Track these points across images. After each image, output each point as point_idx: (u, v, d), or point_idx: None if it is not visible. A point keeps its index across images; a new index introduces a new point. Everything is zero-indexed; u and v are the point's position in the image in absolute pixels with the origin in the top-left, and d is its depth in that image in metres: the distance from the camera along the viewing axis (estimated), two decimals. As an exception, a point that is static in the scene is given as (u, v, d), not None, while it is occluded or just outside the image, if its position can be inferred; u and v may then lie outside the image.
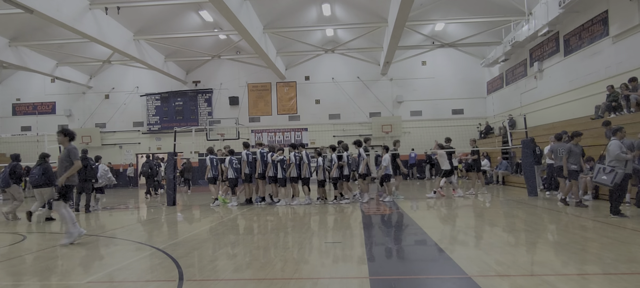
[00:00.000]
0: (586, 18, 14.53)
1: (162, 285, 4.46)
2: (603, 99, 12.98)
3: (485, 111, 24.17)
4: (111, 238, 7.42)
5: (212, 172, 12.57)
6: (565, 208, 9.27)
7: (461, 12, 19.01)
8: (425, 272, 4.91)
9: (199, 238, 7.11)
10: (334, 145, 12.39)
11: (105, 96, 26.13)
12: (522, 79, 19.77)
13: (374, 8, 18.37)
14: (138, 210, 12.73)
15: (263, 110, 25.53)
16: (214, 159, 12.64)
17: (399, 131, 23.67)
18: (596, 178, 7.89)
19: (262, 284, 4.33)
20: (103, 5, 15.46)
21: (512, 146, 15.33)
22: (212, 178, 12.58)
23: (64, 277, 4.97)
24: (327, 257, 5.51)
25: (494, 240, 6.33)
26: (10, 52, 19.35)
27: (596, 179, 7.89)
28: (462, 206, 10.70)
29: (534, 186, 12.18)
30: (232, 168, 12.11)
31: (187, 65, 25.44)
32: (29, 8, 12.51)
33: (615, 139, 7.80)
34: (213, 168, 12.57)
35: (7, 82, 26.63)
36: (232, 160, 12.18)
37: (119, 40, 17.75)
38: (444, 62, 24.53)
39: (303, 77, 25.36)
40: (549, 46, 17.24)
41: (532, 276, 4.34)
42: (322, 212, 10.17)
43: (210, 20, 19.01)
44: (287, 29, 19.66)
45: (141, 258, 5.75)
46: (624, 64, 12.87)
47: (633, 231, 6.50)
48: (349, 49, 23.17)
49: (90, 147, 25.54)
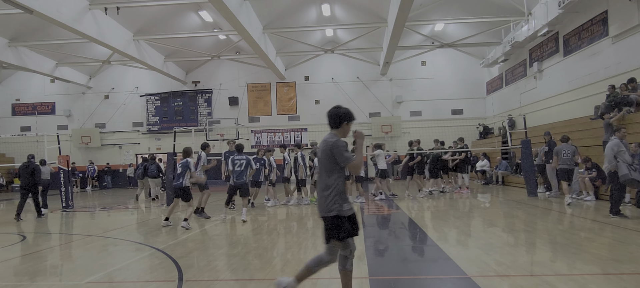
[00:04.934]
0: (586, 18, 14.53)
1: (162, 285, 4.46)
2: (602, 99, 12.98)
3: (484, 111, 24.18)
4: (111, 239, 7.41)
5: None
6: (565, 209, 9.28)
7: (461, 12, 19.01)
8: (425, 272, 4.91)
9: (198, 239, 7.10)
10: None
11: (105, 96, 26.10)
12: (522, 79, 19.77)
13: (373, 8, 18.37)
14: (137, 211, 12.72)
15: (263, 110, 25.53)
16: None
17: (398, 131, 23.66)
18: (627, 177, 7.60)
19: (262, 284, 4.33)
20: (103, 6, 15.44)
21: (511, 146, 15.35)
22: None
23: (64, 277, 4.97)
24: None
25: (493, 240, 6.33)
26: (10, 52, 19.32)
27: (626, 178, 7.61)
28: (462, 206, 10.71)
29: (534, 186, 12.18)
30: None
31: (187, 66, 25.42)
32: (29, 8, 12.50)
33: (615, 138, 7.80)
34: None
35: (6, 83, 26.60)
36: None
37: (119, 40, 17.74)
38: (443, 63, 24.53)
39: (303, 77, 25.36)
40: (548, 46, 17.25)
41: (532, 276, 4.35)
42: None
43: (210, 20, 19.00)
44: (286, 29, 19.65)
45: (141, 259, 5.75)
46: (623, 64, 12.88)
47: (633, 231, 6.50)
48: (349, 49, 23.16)
49: (90, 148, 25.57)
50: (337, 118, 3.50)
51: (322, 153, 3.47)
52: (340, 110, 3.52)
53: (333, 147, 3.38)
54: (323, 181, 3.47)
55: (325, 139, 3.50)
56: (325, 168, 3.45)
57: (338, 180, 3.43)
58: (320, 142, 3.55)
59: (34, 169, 10.90)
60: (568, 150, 10.23)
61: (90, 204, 14.85)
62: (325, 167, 3.45)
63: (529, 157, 12.49)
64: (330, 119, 3.53)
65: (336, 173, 3.42)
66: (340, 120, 3.49)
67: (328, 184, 3.42)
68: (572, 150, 10.23)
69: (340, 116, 3.49)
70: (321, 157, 3.49)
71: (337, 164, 3.41)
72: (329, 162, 3.43)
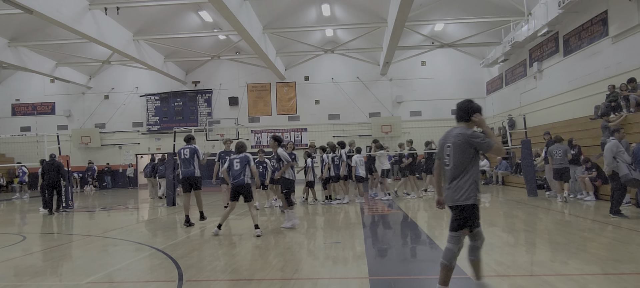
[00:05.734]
0: (586, 18, 14.53)
1: (162, 285, 4.46)
2: (602, 99, 12.99)
3: (484, 111, 24.02)
4: (111, 239, 7.41)
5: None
6: (565, 209, 9.28)
7: (461, 12, 19.01)
8: (425, 272, 4.91)
9: (198, 239, 7.10)
10: (324, 146, 12.50)
11: (105, 96, 26.10)
12: (522, 79, 19.78)
13: (373, 8, 18.37)
14: (137, 211, 12.72)
15: (263, 110, 25.53)
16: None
17: (398, 131, 23.65)
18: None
19: (262, 284, 4.33)
20: (102, 6, 15.44)
21: (511, 146, 15.35)
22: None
23: (64, 277, 4.97)
24: (327, 257, 5.50)
25: (493, 240, 6.33)
26: (10, 53, 19.32)
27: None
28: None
29: (534, 186, 12.18)
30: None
31: (187, 66, 25.42)
32: (29, 8, 12.50)
33: (613, 138, 7.80)
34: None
35: (6, 83, 26.60)
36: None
37: (119, 40, 17.74)
38: (443, 63, 24.53)
39: (303, 77, 25.36)
40: (548, 46, 17.25)
41: (532, 276, 4.35)
42: (320, 212, 10.17)
43: (210, 20, 19.00)
44: (286, 29, 19.65)
45: (141, 259, 5.75)
46: (623, 64, 12.88)
47: (633, 231, 6.51)
48: (349, 49, 23.16)
49: (90, 148, 25.56)
50: (470, 111, 3.63)
51: (455, 146, 3.58)
52: (472, 104, 3.67)
53: (472, 138, 3.51)
54: (457, 171, 3.58)
55: (458, 132, 3.60)
56: (461, 160, 3.56)
57: (475, 169, 3.58)
58: (450, 137, 3.66)
59: (59, 166, 11.57)
60: (559, 150, 10.45)
61: (90, 204, 14.85)
62: (461, 158, 3.55)
63: (529, 157, 12.49)
64: (462, 111, 3.67)
65: (473, 163, 3.57)
66: (471, 113, 3.63)
67: (465, 174, 3.54)
68: (563, 149, 10.49)
69: (472, 109, 3.64)
70: (455, 149, 3.59)
71: (473, 154, 3.54)
72: (465, 153, 3.54)
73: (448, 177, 3.66)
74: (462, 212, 3.55)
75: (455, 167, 3.59)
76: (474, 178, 3.56)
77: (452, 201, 3.61)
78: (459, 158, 3.57)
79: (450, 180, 3.63)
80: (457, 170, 3.58)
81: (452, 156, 3.61)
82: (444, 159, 3.70)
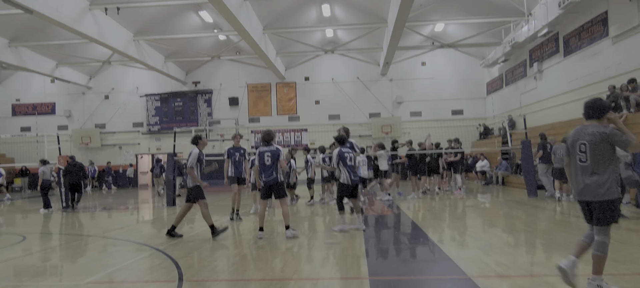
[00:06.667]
0: (586, 19, 14.53)
1: (162, 285, 4.46)
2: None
3: (485, 112, 24.18)
4: (111, 239, 7.41)
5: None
6: (565, 209, 9.28)
7: (461, 12, 19.02)
8: (425, 272, 4.91)
9: (198, 239, 7.09)
10: (323, 147, 12.58)
11: (105, 97, 26.10)
12: (522, 79, 19.78)
13: (373, 8, 18.38)
14: (138, 211, 12.72)
15: (263, 110, 25.53)
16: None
17: (398, 132, 23.65)
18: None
19: (262, 284, 4.33)
20: (103, 6, 15.45)
21: (511, 147, 15.34)
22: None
23: (64, 277, 4.98)
24: (327, 257, 5.50)
25: (493, 240, 6.33)
26: (10, 53, 19.33)
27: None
28: (462, 207, 10.71)
29: (534, 187, 12.17)
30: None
31: (187, 66, 25.43)
32: (29, 8, 12.51)
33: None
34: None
35: (6, 83, 26.61)
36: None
37: (119, 40, 17.75)
38: (443, 63, 24.53)
39: (303, 77, 25.36)
40: (548, 47, 17.25)
41: (532, 276, 4.35)
42: (320, 212, 10.17)
43: (210, 20, 19.01)
44: (286, 29, 19.65)
45: (141, 259, 5.75)
46: (623, 64, 12.88)
47: (633, 231, 6.51)
48: (349, 50, 23.16)
49: (90, 148, 25.57)
50: (603, 109, 3.75)
51: (592, 144, 3.67)
52: (604, 103, 3.79)
53: (611, 135, 3.60)
54: (597, 167, 3.66)
55: (593, 130, 3.68)
56: (601, 156, 3.65)
57: (615, 164, 3.67)
58: (584, 135, 3.73)
59: (82, 166, 12.53)
60: (562, 149, 10.38)
61: (90, 204, 14.85)
62: (602, 155, 3.65)
63: (529, 157, 12.48)
64: (593, 110, 3.78)
65: (614, 159, 3.67)
66: (605, 111, 3.74)
67: (606, 170, 3.64)
68: (565, 149, 10.35)
69: (605, 107, 3.75)
70: (592, 147, 3.68)
71: (612, 151, 3.64)
72: (605, 150, 3.64)
73: (586, 173, 3.73)
74: (610, 205, 3.62)
75: (595, 163, 3.67)
76: (617, 174, 3.67)
77: (594, 196, 3.67)
78: (598, 155, 3.65)
79: (590, 175, 3.71)
80: (597, 167, 3.66)
81: (588, 153, 3.70)
82: (578, 156, 3.78)
